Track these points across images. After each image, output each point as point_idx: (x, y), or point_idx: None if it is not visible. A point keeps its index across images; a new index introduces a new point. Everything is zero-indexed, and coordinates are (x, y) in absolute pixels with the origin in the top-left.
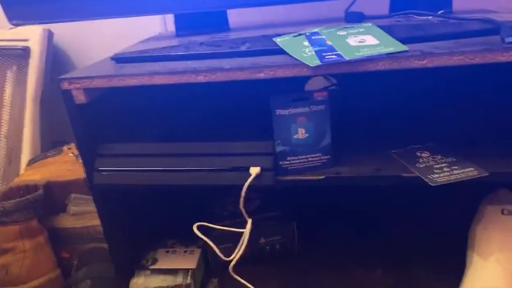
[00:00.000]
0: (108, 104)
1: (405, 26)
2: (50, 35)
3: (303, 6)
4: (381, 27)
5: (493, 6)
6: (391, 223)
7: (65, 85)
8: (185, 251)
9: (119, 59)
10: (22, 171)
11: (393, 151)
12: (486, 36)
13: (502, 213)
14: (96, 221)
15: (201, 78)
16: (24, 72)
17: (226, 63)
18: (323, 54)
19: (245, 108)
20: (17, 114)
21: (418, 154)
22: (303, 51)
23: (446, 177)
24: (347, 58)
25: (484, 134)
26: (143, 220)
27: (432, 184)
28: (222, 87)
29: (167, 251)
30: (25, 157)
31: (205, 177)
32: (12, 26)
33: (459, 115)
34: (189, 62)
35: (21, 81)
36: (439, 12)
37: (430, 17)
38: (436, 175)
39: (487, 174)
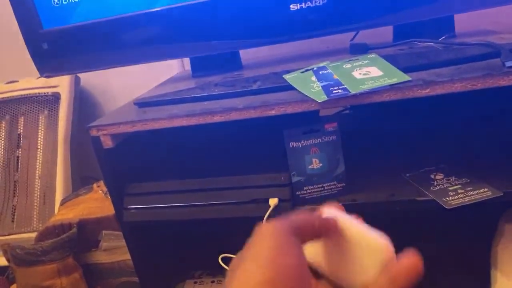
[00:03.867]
0: (133, 145)
1: (408, 54)
2: (77, 80)
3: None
4: (385, 57)
5: (493, 22)
6: (411, 244)
7: (94, 132)
8: (212, 281)
9: (141, 103)
10: (56, 209)
11: (407, 174)
12: (487, 60)
13: None
14: (127, 256)
15: (217, 118)
16: (54, 116)
17: (239, 102)
18: (330, 89)
19: (260, 142)
20: (50, 155)
21: (432, 176)
22: (311, 87)
23: (461, 199)
24: (352, 92)
25: (496, 153)
26: (171, 252)
27: (448, 207)
28: (237, 123)
29: (195, 282)
30: (58, 195)
31: (227, 210)
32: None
33: (471, 135)
34: (205, 103)
35: (52, 125)
36: (441, 38)
37: (433, 43)
38: (450, 198)
39: (501, 194)
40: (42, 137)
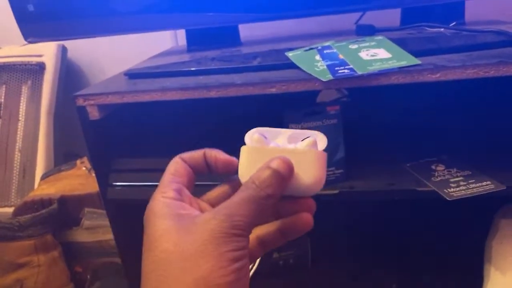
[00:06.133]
0: (121, 119)
1: (417, 38)
2: (64, 50)
3: (314, 19)
4: (393, 40)
5: (500, 13)
6: (406, 236)
7: (80, 102)
8: None
9: (132, 75)
10: (36, 184)
11: (408, 164)
12: (499, 48)
13: None
14: (110, 235)
15: (213, 94)
16: (38, 87)
17: (238, 78)
18: (336, 68)
19: (256, 122)
20: (32, 128)
21: (433, 167)
22: (315, 66)
23: (463, 191)
24: (359, 72)
25: (499, 146)
26: None
27: (449, 199)
28: (234, 100)
29: None
30: (39, 170)
31: None
32: (27, 43)
33: (474, 127)
34: (201, 77)
35: (35, 96)
36: (451, 24)
37: (442, 29)
38: (452, 189)
39: (504, 188)
40: (24, 108)
